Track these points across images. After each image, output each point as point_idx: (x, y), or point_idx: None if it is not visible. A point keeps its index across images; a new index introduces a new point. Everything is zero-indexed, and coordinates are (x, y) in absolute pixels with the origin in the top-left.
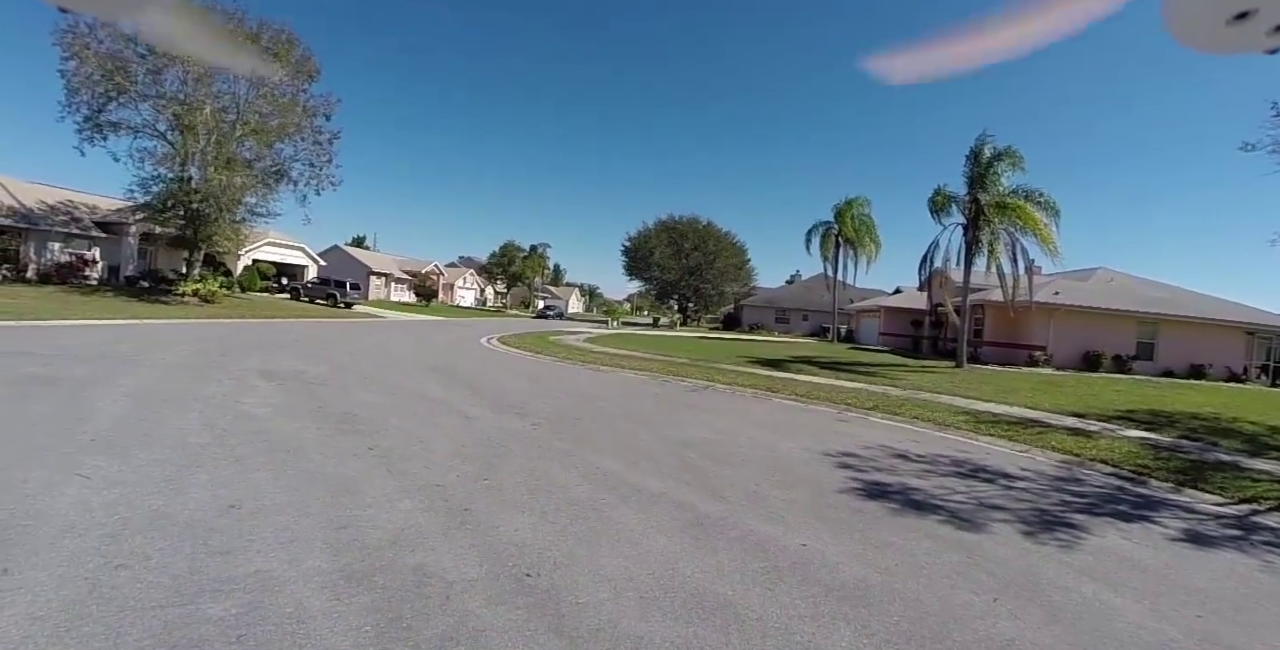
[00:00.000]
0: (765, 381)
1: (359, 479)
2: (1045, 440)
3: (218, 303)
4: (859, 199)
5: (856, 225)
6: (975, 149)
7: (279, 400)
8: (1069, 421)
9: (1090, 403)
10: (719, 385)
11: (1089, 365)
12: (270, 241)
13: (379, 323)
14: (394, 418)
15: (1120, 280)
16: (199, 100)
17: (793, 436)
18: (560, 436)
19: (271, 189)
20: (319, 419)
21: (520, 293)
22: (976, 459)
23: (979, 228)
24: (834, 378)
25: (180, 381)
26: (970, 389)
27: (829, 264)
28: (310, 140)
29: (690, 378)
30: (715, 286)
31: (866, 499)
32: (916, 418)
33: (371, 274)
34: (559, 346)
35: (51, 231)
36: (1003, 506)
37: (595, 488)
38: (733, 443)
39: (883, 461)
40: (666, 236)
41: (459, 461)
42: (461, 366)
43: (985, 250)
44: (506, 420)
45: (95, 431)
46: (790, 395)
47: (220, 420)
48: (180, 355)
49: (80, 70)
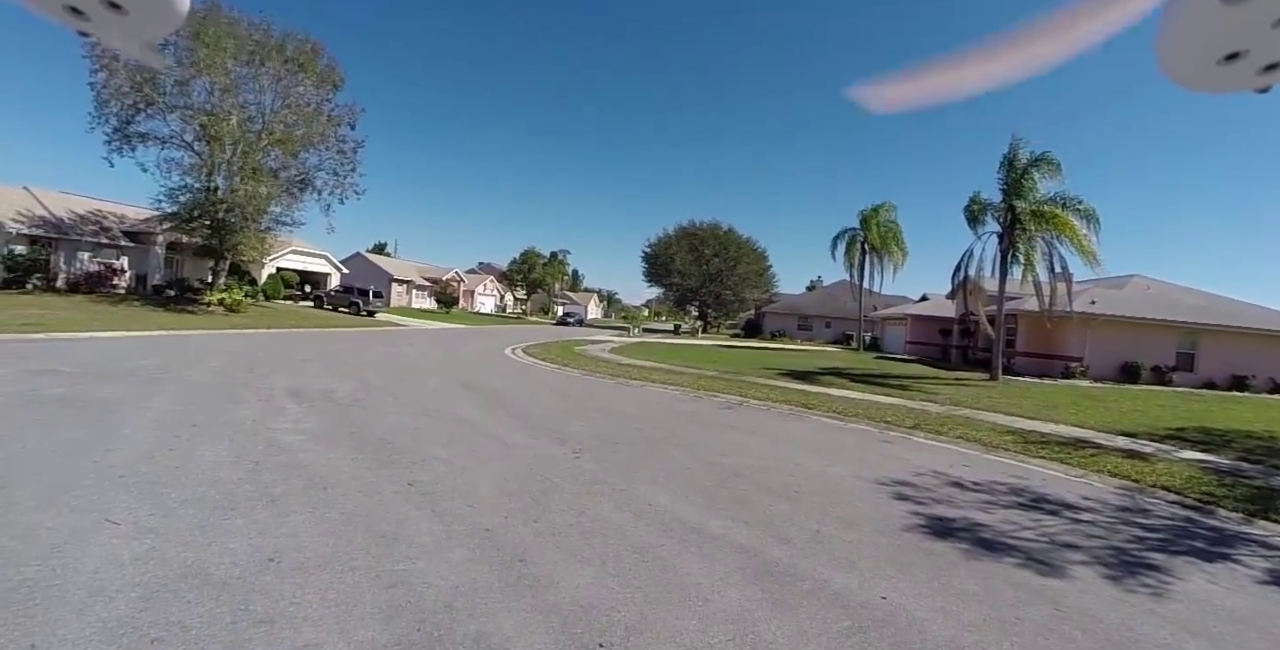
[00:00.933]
0: (799, 397)
1: (403, 522)
2: (1100, 463)
3: (243, 312)
4: (885, 205)
5: (883, 232)
6: (1009, 155)
7: (311, 425)
8: (1120, 442)
9: (1137, 420)
10: (753, 401)
11: (1127, 377)
12: (294, 250)
13: (402, 332)
14: (431, 445)
15: (1157, 288)
16: (225, 111)
17: (839, 460)
18: (604, 465)
19: (296, 198)
20: (354, 447)
21: (540, 299)
22: (1034, 486)
23: (1015, 236)
24: (868, 391)
25: (209, 403)
26: (1010, 404)
27: (854, 271)
28: (334, 149)
29: (722, 393)
30: (736, 293)
31: (935, 538)
32: (961, 437)
33: (393, 281)
34: (584, 358)
35: (81, 241)
36: (1076, 545)
37: (652, 530)
38: (781, 470)
39: (939, 491)
40: (687, 243)
41: (504, 499)
42: (491, 383)
43: (1021, 260)
44: (546, 446)
45: (124, 463)
46: (828, 412)
47: (252, 450)
48: (207, 372)
49: (110, 82)
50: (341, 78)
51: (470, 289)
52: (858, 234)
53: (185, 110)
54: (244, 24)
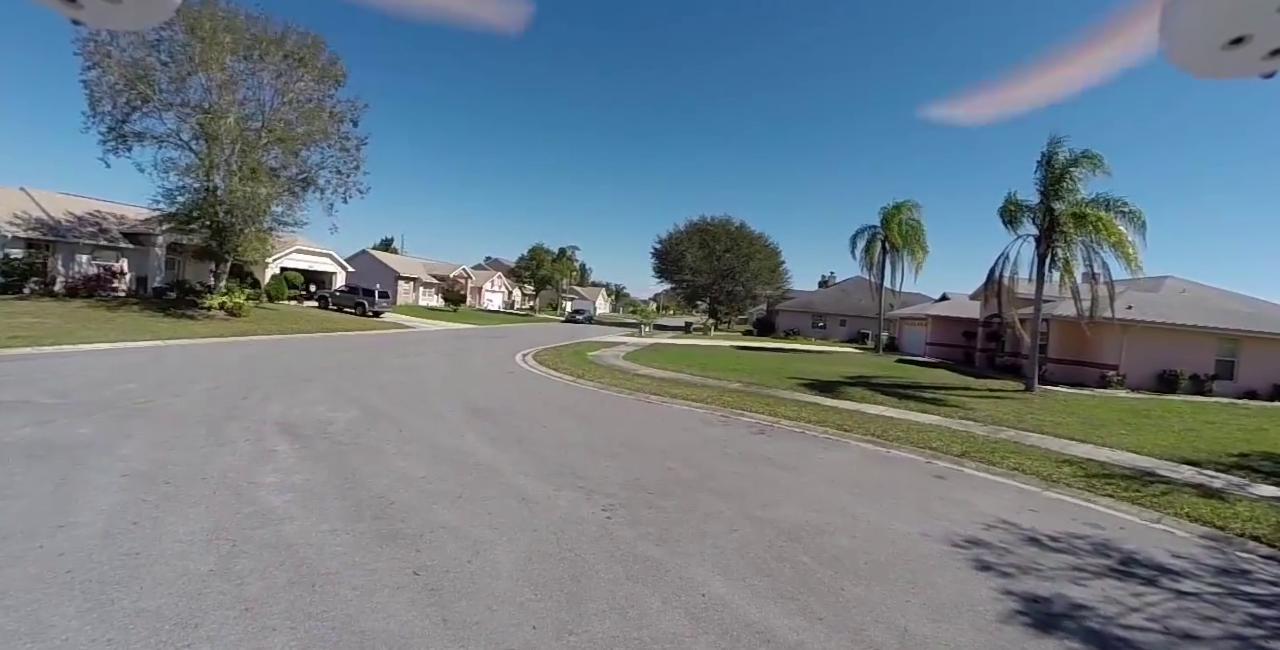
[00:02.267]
0: (831, 415)
1: (408, 639)
2: (1173, 504)
3: (245, 316)
4: (908, 203)
5: (905, 231)
6: (1047, 153)
7: (301, 478)
8: (1185, 472)
9: (1194, 442)
10: (783, 422)
11: (1165, 386)
12: (298, 249)
13: (409, 335)
14: (439, 505)
15: (1193, 291)
16: (223, 108)
17: (899, 509)
18: (641, 530)
19: (298, 197)
20: (349, 513)
21: (548, 295)
22: (1115, 539)
23: (1053, 240)
24: (901, 406)
25: (190, 445)
26: (1055, 423)
27: (874, 270)
28: (338, 147)
29: (750, 411)
30: (748, 289)
31: (1039, 632)
32: (1016, 469)
33: (400, 279)
34: (598, 367)
35: (79, 244)
36: (1195, 635)
37: (713, 638)
38: (839, 527)
39: (1019, 552)
40: (698, 238)
41: (530, 593)
42: (503, 403)
43: (1060, 264)
44: (571, 501)
45: (76, 549)
46: (867, 436)
47: (230, 520)
48: (196, 398)
49: (103, 79)
50: (343, 73)
51: (478, 286)
52: (878, 232)
53: (182, 108)
54: (241, 17)
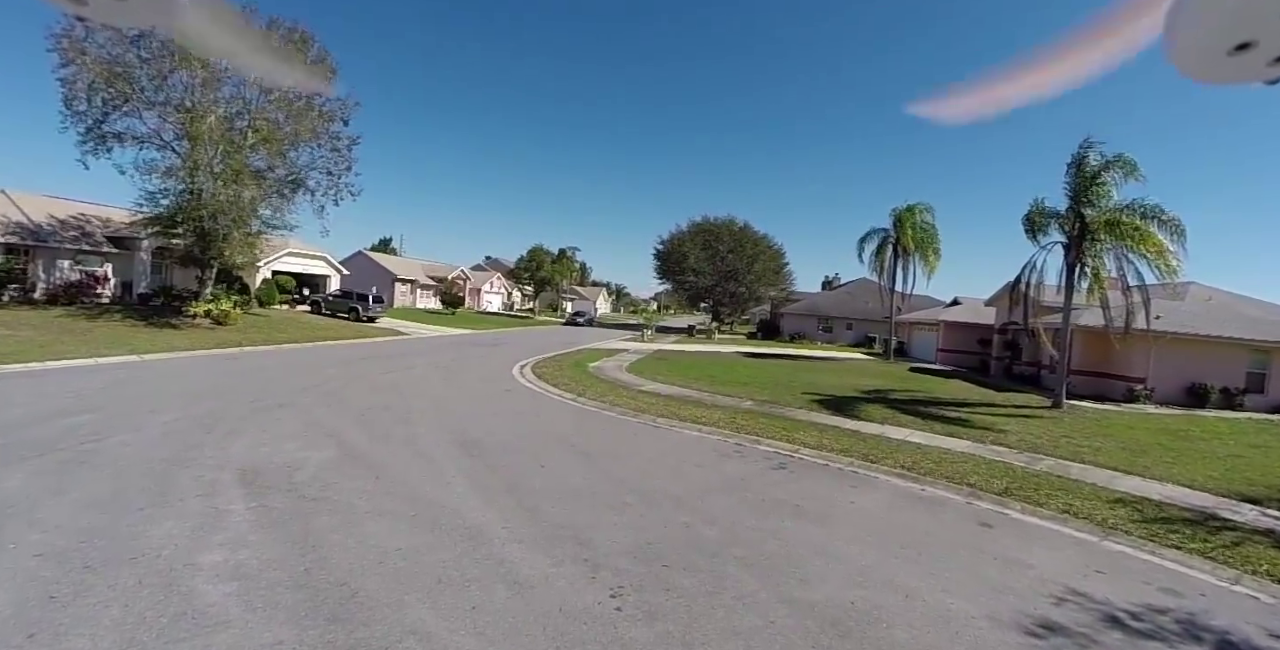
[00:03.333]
0: (854, 442)
1: None
2: (1246, 556)
3: (231, 324)
4: (920, 205)
5: (917, 234)
6: (1078, 157)
7: (251, 555)
8: (1248, 514)
9: (1245, 473)
10: (804, 451)
11: (1194, 400)
12: (291, 252)
13: (402, 344)
14: (412, 597)
15: (1219, 298)
16: (204, 107)
17: (952, 577)
18: (660, 629)
19: (288, 199)
20: (301, 611)
21: (549, 296)
22: (1200, 612)
23: (1083, 249)
24: (926, 428)
25: (129, 506)
26: (1092, 448)
27: (884, 275)
28: (328, 147)
29: (766, 437)
30: (751, 291)
31: None
32: (1066, 512)
33: (397, 281)
34: (600, 382)
35: (60, 248)
36: None
37: None
38: (893, 615)
39: (1103, 638)
40: (701, 239)
41: None
42: (497, 434)
43: (1089, 274)
44: (572, 582)
45: None
46: (896, 468)
47: (146, 636)
48: (153, 434)
49: (78, 77)
50: (333, 69)
51: (476, 287)
52: (889, 235)
53: (163, 107)
54: None
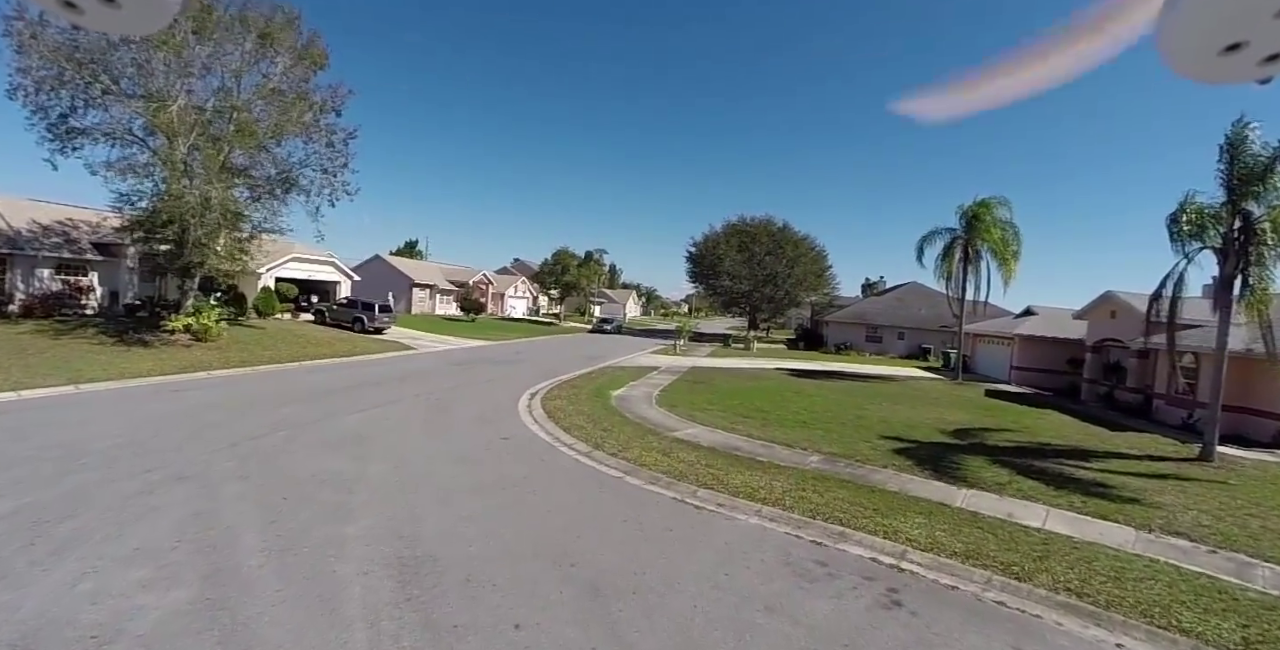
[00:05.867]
0: (979, 536)
1: None
2: None
3: (212, 340)
4: (994, 199)
5: (994, 234)
6: (1232, 138)
7: None
8: None
9: None
10: (915, 557)
11: None
12: (296, 257)
13: (402, 362)
14: None
15: None
16: (165, 92)
17: None
18: None
19: (280, 200)
20: None
21: (576, 300)
22: None
23: (1248, 256)
24: (1059, 499)
25: None
26: None
27: (951, 282)
28: (322, 141)
29: (854, 527)
30: (792, 297)
31: None
32: None
33: (414, 286)
34: (622, 421)
35: (38, 257)
36: None
37: None
38: None
39: None
40: (737, 240)
41: None
42: (463, 546)
43: (1252, 289)
44: None
45: None
46: (1059, 592)
47: None
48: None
49: (34, 65)
50: (324, 54)
51: (500, 292)
52: (957, 235)
53: (131, 99)
54: None
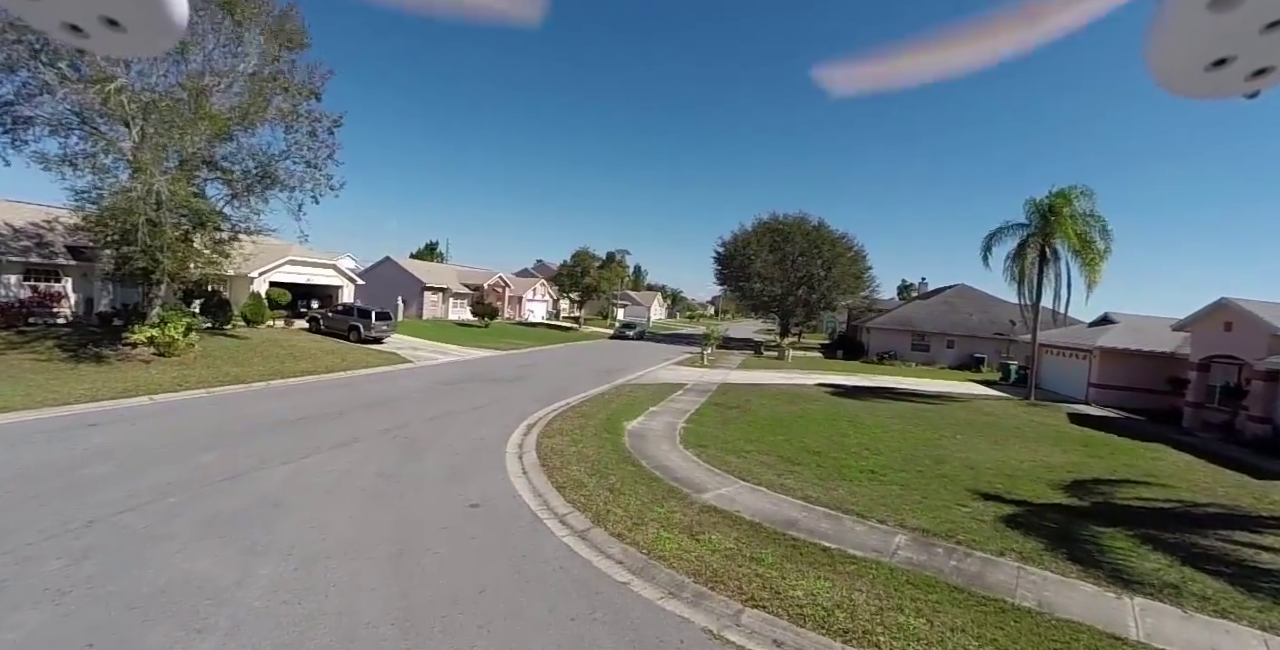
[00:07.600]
0: None
1: None
2: None
3: (178, 355)
4: (1075, 190)
5: (1078, 230)
6: None
7: None
8: None
9: None
10: None
11: None
12: (292, 259)
13: (386, 381)
14: None
15: None
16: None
17: None
18: None
19: (259, 197)
20: None
21: (597, 303)
22: None
23: None
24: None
25: None
26: None
27: (1025, 286)
28: (304, 130)
29: None
30: (828, 301)
31: None
32: None
33: (426, 289)
34: (636, 478)
35: (1, 261)
36: None
37: None
38: None
39: None
40: (769, 239)
41: None
42: None
43: None
44: None
45: None
46: None
47: None
48: None
49: None
50: (301, 32)
51: (517, 295)
52: (1031, 232)
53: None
54: None
